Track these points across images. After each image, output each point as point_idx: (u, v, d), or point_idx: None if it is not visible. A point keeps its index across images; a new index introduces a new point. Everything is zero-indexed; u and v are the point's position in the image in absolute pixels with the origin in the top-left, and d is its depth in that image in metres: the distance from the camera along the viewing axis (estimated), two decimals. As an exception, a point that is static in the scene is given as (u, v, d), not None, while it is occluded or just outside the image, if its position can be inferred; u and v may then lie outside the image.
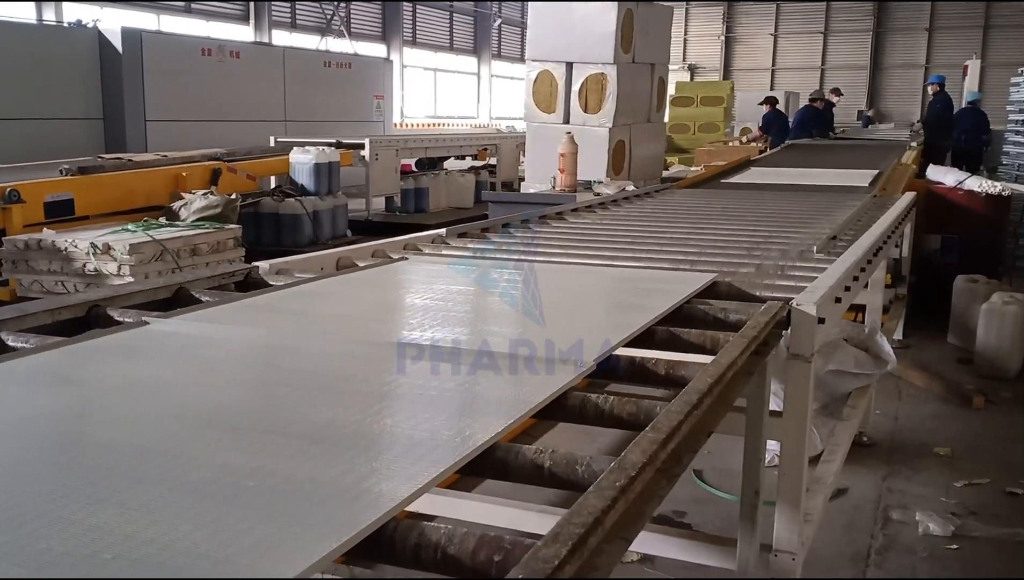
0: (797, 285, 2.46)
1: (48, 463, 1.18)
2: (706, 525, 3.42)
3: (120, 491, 1.08)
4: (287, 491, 1.08)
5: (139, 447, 1.23)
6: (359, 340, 1.85)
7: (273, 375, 1.61)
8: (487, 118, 26.96)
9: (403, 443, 1.25)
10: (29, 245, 6.00)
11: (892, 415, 4.79)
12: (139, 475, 1.13)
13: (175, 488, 1.09)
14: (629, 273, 2.70)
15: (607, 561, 1.04)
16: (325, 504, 1.04)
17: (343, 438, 1.27)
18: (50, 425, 1.33)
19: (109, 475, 1.13)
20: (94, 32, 11.55)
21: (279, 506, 1.04)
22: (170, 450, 1.21)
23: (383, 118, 16.29)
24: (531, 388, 1.51)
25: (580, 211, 4.40)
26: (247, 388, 1.55)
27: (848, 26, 28.86)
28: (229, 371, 1.64)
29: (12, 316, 1.87)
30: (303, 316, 2.06)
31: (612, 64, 7.81)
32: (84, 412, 1.40)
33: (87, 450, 1.23)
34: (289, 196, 8.78)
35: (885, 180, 6.20)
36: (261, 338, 1.87)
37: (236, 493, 1.07)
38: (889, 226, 3.78)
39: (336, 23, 21.26)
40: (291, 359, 1.71)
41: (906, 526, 3.49)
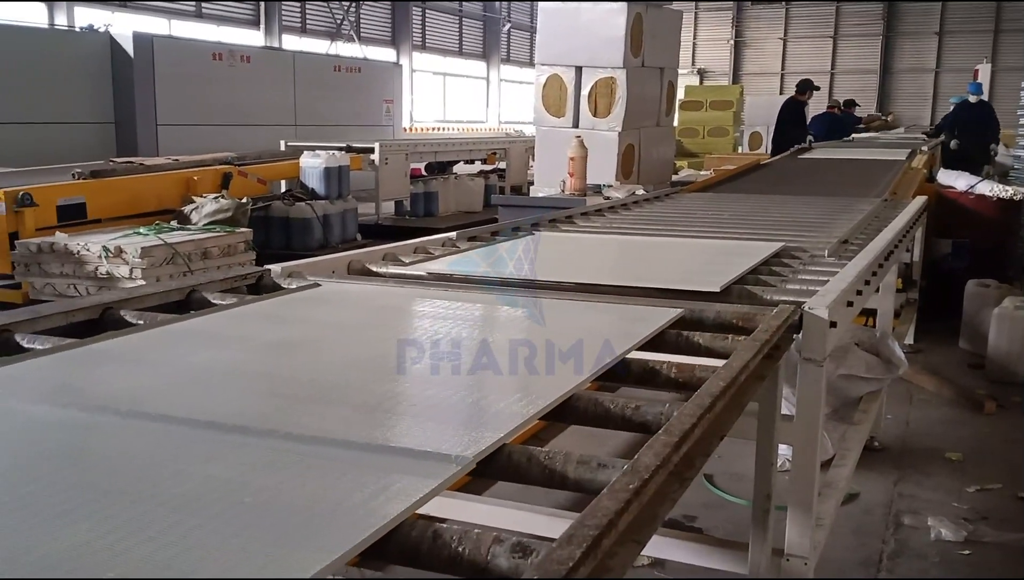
0: (808, 289, 2.46)
1: (56, 466, 1.18)
2: (716, 529, 3.42)
3: (137, 484, 1.08)
4: (303, 490, 1.09)
5: (156, 448, 1.24)
6: (373, 341, 1.86)
7: (285, 377, 1.62)
8: (496, 122, 27.00)
9: (416, 444, 1.26)
10: (42, 248, 6.04)
11: (903, 420, 4.77)
12: (157, 475, 1.14)
13: (159, 503, 1.07)
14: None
15: (620, 563, 1.04)
16: (338, 506, 1.05)
17: (357, 438, 1.28)
18: (60, 427, 1.33)
19: (119, 475, 1.14)
20: (106, 37, 11.62)
21: (296, 506, 1.04)
22: (188, 452, 1.22)
23: (392, 122, 16.34)
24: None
25: (590, 215, 4.40)
26: (257, 393, 1.55)
27: (858, 30, 28.83)
28: (241, 374, 1.64)
29: (27, 318, 1.89)
30: (313, 321, 2.07)
31: (622, 68, 7.81)
32: (92, 414, 1.39)
33: (94, 455, 1.23)
34: (299, 200, 8.82)
35: (896, 184, 6.19)
36: (272, 341, 1.88)
37: (222, 509, 1.06)
38: (900, 230, 3.77)
39: (346, 27, 21.32)
40: (303, 361, 1.72)
41: (917, 531, 3.48)
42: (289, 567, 0.90)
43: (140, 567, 0.90)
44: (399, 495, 1.07)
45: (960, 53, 26.75)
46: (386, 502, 1.05)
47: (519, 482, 1.30)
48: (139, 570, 0.89)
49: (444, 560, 1.04)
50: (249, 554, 0.92)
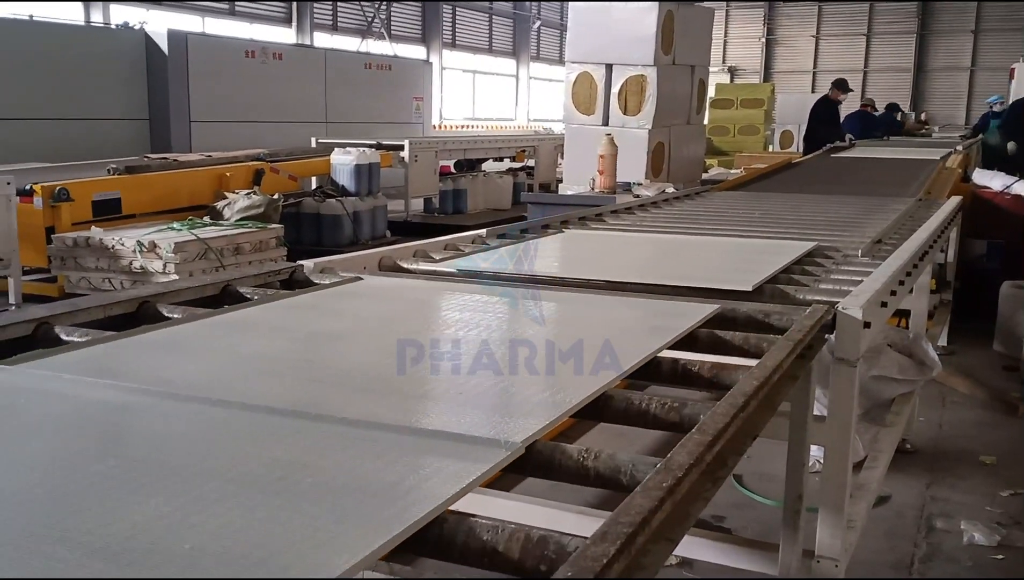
0: (841, 289, 2.44)
1: (124, 446, 1.24)
2: (745, 530, 3.40)
3: (164, 481, 1.10)
4: (335, 488, 1.10)
5: (184, 437, 1.27)
6: (414, 333, 1.89)
7: (332, 365, 1.66)
8: (525, 120, 26.99)
9: (463, 430, 1.30)
10: (77, 242, 6.13)
11: (936, 422, 4.72)
12: (182, 466, 1.16)
13: (227, 480, 1.11)
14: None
15: (653, 562, 1.04)
16: (371, 501, 1.06)
17: (408, 424, 1.32)
18: (100, 416, 1.37)
19: (184, 455, 1.19)
20: (141, 34, 11.76)
21: (327, 502, 1.05)
22: (216, 441, 1.25)
23: (422, 120, 16.39)
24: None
25: (620, 213, 4.39)
26: (288, 384, 1.57)
27: (891, 28, 28.51)
28: (274, 367, 1.67)
29: (66, 310, 1.92)
30: (355, 313, 2.12)
31: (652, 66, 7.78)
32: (153, 399, 1.44)
33: (158, 437, 1.28)
34: (330, 196, 8.88)
35: (930, 184, 6.12)
36: (317, 331, 1.92)
37: (285, 487, 1.09)
38: (935, 230, 3.72)
39: (377, 25, 21.42)
40: (348, 351, 1.77)
41: (950, 535, 3.44)
42: (353, 543, 0.94)
43: (210, 540, 0.94)
44: (452, 478, 1.11)
45: (995, 51, 26.36)
46: (440, 483, 1.10)
47: (552, 478, 1.30)
48: (209, 544, 0.93)
49: (477, 554, 1.04)
50: (314, 530, 0.97)
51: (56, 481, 1.10)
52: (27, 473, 1.13)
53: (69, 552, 0.91)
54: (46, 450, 1.22)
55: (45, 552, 0.91)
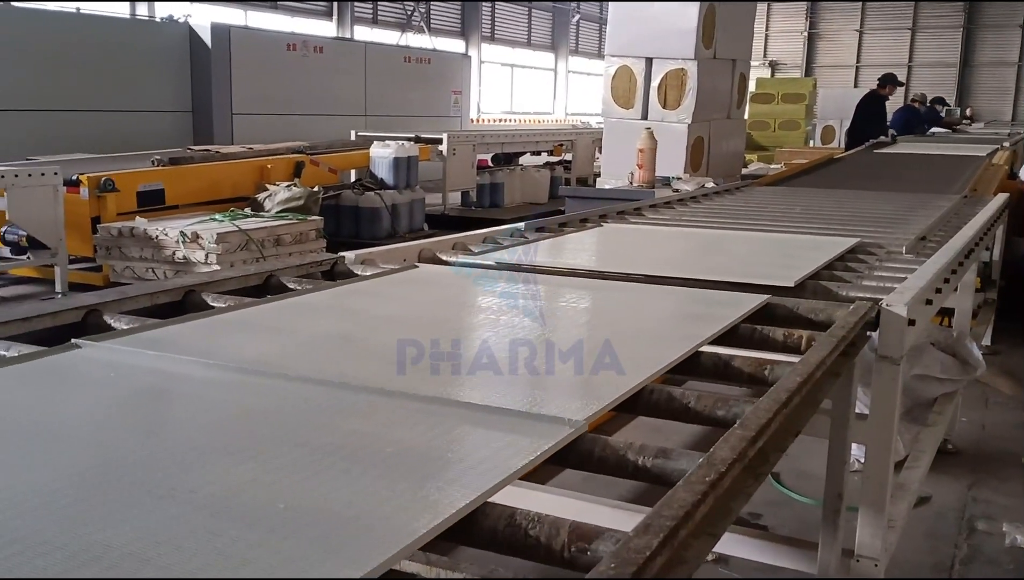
0: (885, 285, 2.41)
1: (215, 417, 1.31)
2: (782, 528, 3.37)
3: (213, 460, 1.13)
4: (414, 457, 1.17)
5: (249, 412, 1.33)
6: (468, 319, 1.95)
7: (383, 351, 1.71)
8: (563, 114, 26.93)
9: (527, 407, 1.35)
10: (122, 232, 6.24)
11: (979, 423, 4.64)
12: (269, 435, 1.23)
13: (313, 449, 1.18)
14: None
15: (695, 555, 1.04)
16: (451, 467, 1.13)
17: (458, 410, 1.37)
18: (187, 389, 1.46)
19: (273, 426, 1.27)
20: (185, 27, 11.90)
21: (407, 469, 1.12)
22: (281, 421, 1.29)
23: (460, 113, 16.41)
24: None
25: (659, 207, 4.37)
26: (359, 363, 1.63)
27: (937, 22, 28.00)
28: (343, 347, 1.75)
29: (114, 298, 1.96)
30: (413, 299, 2.20)
31: (693, 59, 7.72)
32: (239, 375, 1.52)
33: (248, 409, 1.35)
34: (369, 189, 8.93)
35: (976, 181, 6.01)
36: (382, 315, 2.00)
37: (366, 456, 1.16)
38: (981, 228, 3.66)
39: (416, 19, 21.49)
40: (413, 333, 1.82)
41: (991, 537, 3.39)
42: (436, 504, 1.02)
43: (302, 500, 1.01)
44: (522, 451, 1.18)
45: (1045, 46, 25.81)
46: (512, 456, 1.16)
47: (593, 471, 1.30)
48: (301, 503, 1.01)
49: (519, 545, 1.05)
50: (396, 493, 1.04)
51: (156, 446, 1.19)
52: (128, 437, 1.22)
53: (177, 507, 0.99)
54: (140, 418, 1.32)
55: (154, 506, 0.99)
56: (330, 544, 0.92)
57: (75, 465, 1.10)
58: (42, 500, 1.00)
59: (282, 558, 0.88)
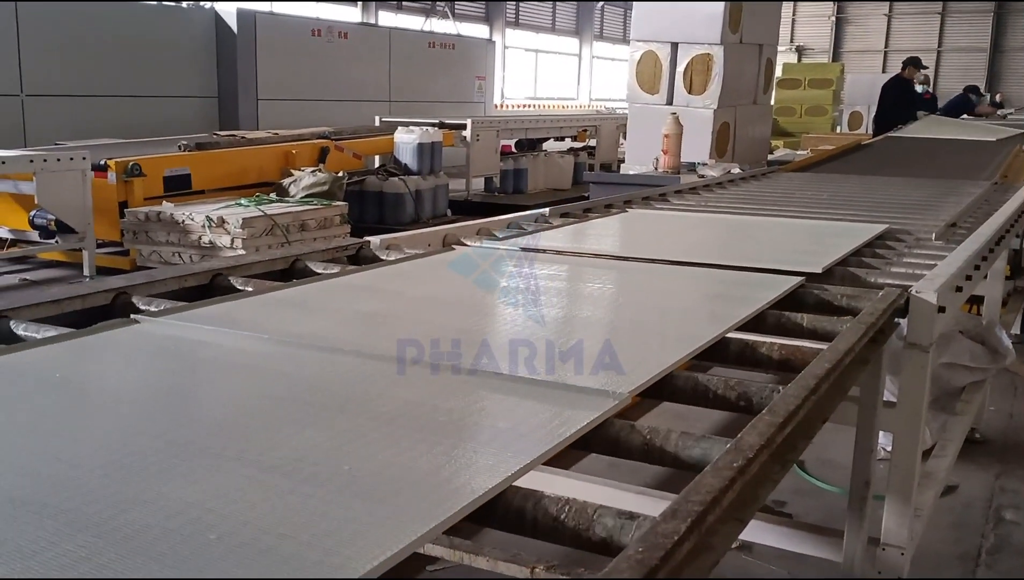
0: (914, 272, 2.39)
1: (278, 387, 1.37)
2: (807, 516, 3.36)
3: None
4: (467, 424, 1.23)
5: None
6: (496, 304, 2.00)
7: (445, 323, 1.78)
8: (587, 99, 26.80)
9: (573, 381, 1.41)
10: (149, 217, 6.29)
11: (1007, 412, 4.59)
12: (328, 404, 1.30)
13: (371, 417, 1.24)
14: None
15: (722, 541, 1.04)
16: (502, 435, 1.19)
17: (505, 382, 1.41)
18: (248, 362, 1.51)
19: (332, 395, 1.33)
20: (211, 13, 11.96)
21: (461, 435, 1.19)
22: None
23: (484, 99, 16.39)
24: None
25: (684, 193, 4.34)
26: (426, 334, 1.66)
27: (967, 6, 27.54)
28: (393, 323, 1.80)
29: (143, 281, 1.98)
30: (449, 280, 2.26)
31: (719, 44, 7.66)
32: (295, 349, 1.57)
33: (307, 379, 1.41)
34: (393, 175, 8.94)
35: (1007, 167, 5.92)
36: (421, 296, 2.06)
37: (423, 424, 1.21)
38: (1012, 215, 3.61)
39: (441, 4, 21.43)
40: (453, 311, 1.91)
41: (1019, 527, 3.35)
42: (493, 469, 1.07)
43: (364, 463, 1.07)
44: (570, 421, 1.23)
45: (1080, 30, 25.34)
46: (560, 426, 1.21)
47: (619, 456, 1.30)
48: (364, 466, 1.07)
49: (547, 528, 1.05)
50: (453, 459, 1.10)
51: (223, 413, 1.27)
52: (195, 406, 1.32)
53: (246, 469, 1.05)
54: (207, 388, 1.41)
55: (226, 468, 1.05)
56: (398, 503, 0.97)
57: (155, 430, 1.17)
58: (134, 460, 1.07)
59: (352, 515, 0.93)
